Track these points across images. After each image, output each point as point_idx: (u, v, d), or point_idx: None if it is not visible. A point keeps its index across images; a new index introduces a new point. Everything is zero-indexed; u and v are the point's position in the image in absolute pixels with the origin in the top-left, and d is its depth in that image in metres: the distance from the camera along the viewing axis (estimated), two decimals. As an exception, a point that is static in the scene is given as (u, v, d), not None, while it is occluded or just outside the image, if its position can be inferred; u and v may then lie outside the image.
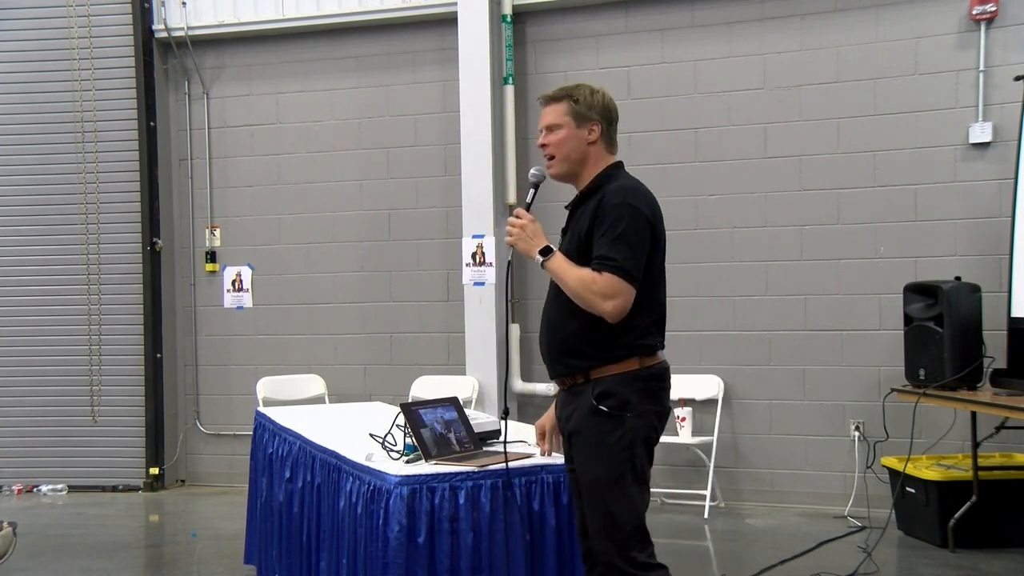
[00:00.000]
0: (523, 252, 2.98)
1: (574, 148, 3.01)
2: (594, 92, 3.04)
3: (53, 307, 7.47)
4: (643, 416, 2.87)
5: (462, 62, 6.76)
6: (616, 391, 2.85)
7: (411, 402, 4.30)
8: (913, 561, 5.14)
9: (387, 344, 7.22)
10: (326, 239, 7.35)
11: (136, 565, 5.52)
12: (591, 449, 2.89)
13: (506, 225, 3.04)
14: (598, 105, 3.02)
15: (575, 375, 2.94)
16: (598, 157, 3.03)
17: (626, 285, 2.81)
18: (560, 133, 3.01)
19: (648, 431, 2.90)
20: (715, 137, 6.53)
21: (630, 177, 3.03)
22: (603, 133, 3.02)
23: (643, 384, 2.88)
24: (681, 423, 6.30)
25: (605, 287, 2.80)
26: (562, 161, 3.03)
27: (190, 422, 7.61)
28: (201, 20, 7.45)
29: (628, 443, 2.85)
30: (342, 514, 3.49)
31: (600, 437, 2.86)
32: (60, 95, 7.46)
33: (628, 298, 2.82)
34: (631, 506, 2.86)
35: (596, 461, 2.88)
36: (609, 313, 2.82)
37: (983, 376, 5.29)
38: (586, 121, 3.00)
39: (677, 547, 5.67)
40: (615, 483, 2.85)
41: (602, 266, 2.81)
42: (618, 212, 2.84)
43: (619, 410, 2.84)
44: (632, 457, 2.85)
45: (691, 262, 6.49)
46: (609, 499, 2.85)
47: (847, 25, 6.27)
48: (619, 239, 2.82)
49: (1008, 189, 5.68)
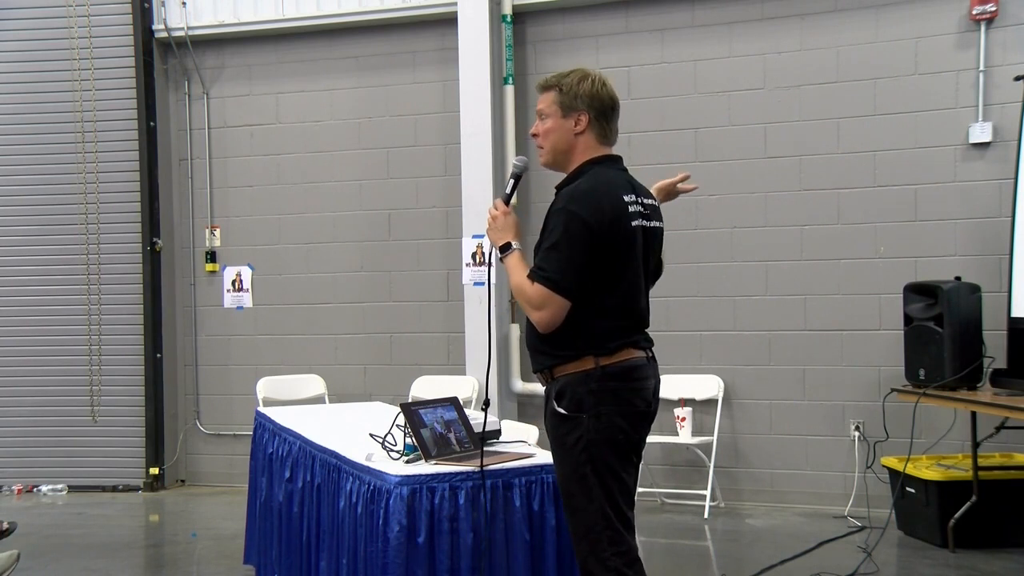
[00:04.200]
0: (492, 243, 2.98)
1: (560, 139, 2.94)
2: (583, 80, 2.92)
3: (53, 307, 7.47)
4: (602, 418, 2.79)
5: (462, 62, 6.76)
6: (571, 391, 2.81)
7: (411, 402, 4.30)
8: (913, 561, 5.14)
9: (387, 344, 7.22)
10: (326, 239, 7.35)
11: (136, 565, 5.52)
12: (555, 450, 2.89)
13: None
14: (585, 94, 2.90)
15: (543, 373, 2.93)
16: (585, 149, 2.94)
17: (554, 296, 2.75)
18: (547, 123, 2.95)
19: (612, 432, 2.80)
20: (715, 137, 6.53)
21: (597, 177, 2.87)
22: (591, 123, 2.92)
23: (597, 384, 2.79)
24: (681, 423, 6.31)
25: (534, 297, 2.78)
26: (549, 151, 2.98)
27: (190, 422, 7.61)
28: (201, 20, 7.45)
29: (586, 445, 2.78)
30: (342, 514, 3.49)
31: (560, 439, 2.84)
32: (60, 95, 7.46)
33: (556, 309, 2.77)
34: (598, 508, 2.78)
35: (559, 463, 2.87)
36: (537, 323, 2.81)
37: (983, 376, 5.29)
38: (572, 111, 2.91)
39: (677, 547, 5.67)
40: (577, 485, 2.80)
41: (534, 275, 2.79)
42: (556, 219, 2.79)
43: (575, 411, 2.80)
44: (592, 459, 2.78)
45: (691, 262, 6.49)
46: (574, 501, 2.83)
47: (847, 25, 6.27)
48: (553, 248, 2.77)
49: (1008, 189, 5.67)
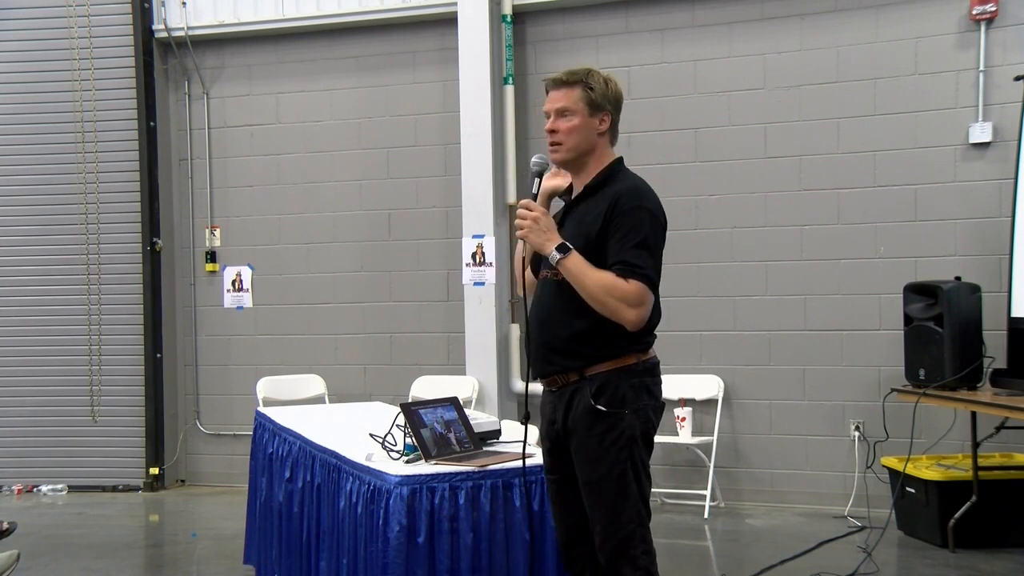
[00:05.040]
0: (536, 246, 2.87)
1: (584, 138, 2.91)
2: (608, 80, 2.96)
3: (53, 307, 7.47)
4: (640, 412, 2.83)
5: (462, 62, 6.76)
6: (612, 387, 2.81)
7: (411, 402, 4.30)
8: (913, 561, 5.14)
9: (387, 344, 7.22)
10: (326, 239, 7.35)
11: (136, 565, 5.52)
12: (591, 449, 2.83)
13: (515, 218, 2.90)
14: (612, 95, 2.95)
15: (568, 374, 2.88)
16: (603, 149, 2.95)
17: (651, 294, 2.78)
18: (573, 120, 2.89)
19: (646, 427, 2.86)
20: (715, 137, 6.53)
21: (638, 177, 2.95)
22: (612, 124, 2.95)
23: (638, 379, 2.84)
24: (681, 423, 6.30)
25: (632, 295, 2.74)
26: (570, 149, 2.91)
27: (190, 422, 7.61)
28: (201, 20, 7.45)
29: (627, 441, 2.80)
30: (342, 514, 3.49)
31: (598, 437, 2.81)
32: (60, 95, 7.45)
33: (650, 307, 2.80)
34: (633, 506, 2.81)
35: (595, 461, 2.82)
36: (632, 321, 2.77)
37: (983, 376, 5.29)
38: (599, 110, 2.91)
39: (677, 547, 5.67)
40: (616, 482, 2.80)
41: (629, 273, 2.75)
42: (637, 216, 2.78)
43: (616, 407, 2.80)
44: (631, 455, 2.81)
45: (691, 262, 6.48)
46: (610, 499, 2.81)
47: (847, 25, 6.26)
48: (641, 245, 2.76)
49: (1008, 189, 5.67)
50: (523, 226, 2.87)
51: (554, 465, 3.00)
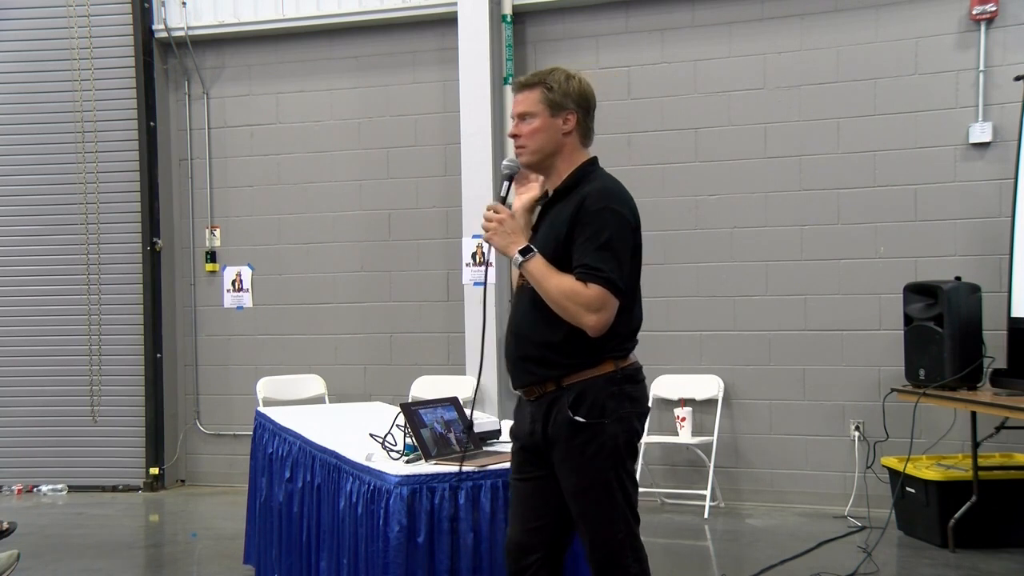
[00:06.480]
0: (500, 248, 2.81)
1: (548, 139, 2.83)
2: (570, 78, 2.85)
3: (53, 307, 7.47)
4: (622, 421, 2.74)
5: (462, 62, 6.76)
6: (591, 396, 2.72)
7: (411, 402, 4.30)
8: (913, 561, 5.14)
9: (387, 344, 7.22)
10: (326, 239, 7.35)
11: (136, 565, 5.52)
12: (574, 460, 2.74)
13: (482, 220, 2.86)
14: (574, 92, 2.84)
15: (545, 383, 2.79)
16: (573, 149, 2.86)
17: (612, 299, 2.67)
18: (534, 123, 2.83)
19: (629, 435, 2.77)
20: (715, 137, 6.53)
21: (610, 177, 2.85)
22: (579, 123, 2.85)
23: (617, 388, 2.75)
24: (681, 423, 6.30)
25: (591, 300, 2.65)
26: (535, 152, 2.85)
27: (190, 422, 7.61)
28: (201, 20, 7.44)
29: (611, 451, 2.72)
30: (342, 514, 3.49)
31: (578, 448, 2.72)
32: (60, 95, 7.45)
33: (613, 312, 2.68)
34: (620, 515, 2.75)
35: (577, 473, 2.75)
36: (592, 327, 2.67)
37: (983, 376, 5.29)
38: (561, 110, 2.82)
39: (677, 547, 5.67)
40: (602, 493, 2.73)
41: (589, 276, 2.66)
42: (602, 218, 2.69)
43: (596, 417, 2.71)
44: (615, 465, 2.74)
45: (691, 262, 6.48)
46: (597, 509, 2.74)
47: (847, 25, 6.26)
48: (604, 247, 2.67)
49: (1008, 189, 5.68)
50: (488, 228, 2.83)
51: (524, 468, 2.91)
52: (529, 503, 2.89)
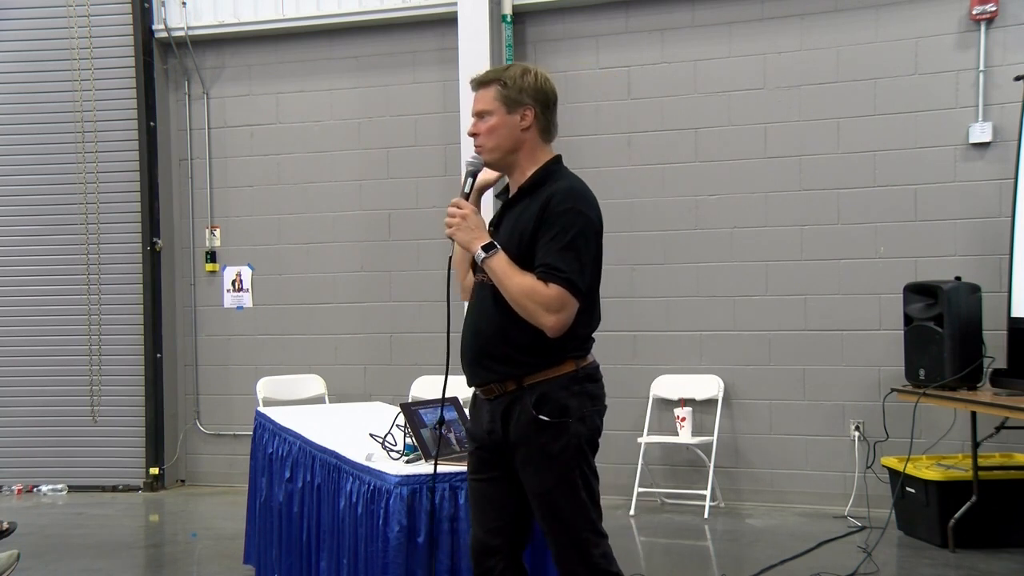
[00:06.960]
0: (462, 244, 2.80)
1: (506, 136, 2.81)
2: (526, 73, 2.82)
3: (53, 307, 7.47)
4: (585, 420, 2.75)
5: (462, 62, 6.75)
6: (554, 396, 2.72)
7: (411, 402, 4.30)
8: (913, 561, 5.14)
9: (387, 344, 7.22)
10: (326, 239, 7.35)
11: (136, 565, 5.52)
12: (537, 460, 2.74)
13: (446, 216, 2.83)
14: (529, 87, 2.80)
15: (506, 382, 2.79)
16: (534, 146, 2.84)
17: (572, 299, 2.66)
18: (491, 120, 2.81)
19: (592, 433, 2.78)
20: (715, 137, 6.53)
21: (575, 176, 2.83)
22: (537, 118, 2.81)
23: (579, 387, 2.75)
24: (681, 423, 6.30)
25: (550, 300, 2.64)
26: (493, 150, 2.83)
27: (190, 422, 7.61)
28: (201, 20, 7.45)
29: (574, 450, 2.72)
30: (342, 514, 3.49)
31: (542, 448, 2.72)
32: (60, 95, 7.45)
33: (572, 312, 2.67)
34: (584, 513, 2.75)
35: (542, 472, 2.74)
36: (550, 327, 2.66)
37: (983, 376, 5.29)
38: (518, 106, 2.79)
39: (677, 547, 5.68)
40: (567, 490, 2.74)
41: (549, 276, 2.65)
42: (567, 218, 2.68)
43: (559, 417, 2.71)
44: (579, 464, 2.74)
45: (691, 262, 6.48)
46: (561, 508, 2.74)
47: (847, 25, 6.27)
48: (568, 248, 2.66)
49: (1008, 189, 5.68)
50: (451, 224, 2.81)
51: (482, 468, 2.89)
52: (489, 503, 2.88)
